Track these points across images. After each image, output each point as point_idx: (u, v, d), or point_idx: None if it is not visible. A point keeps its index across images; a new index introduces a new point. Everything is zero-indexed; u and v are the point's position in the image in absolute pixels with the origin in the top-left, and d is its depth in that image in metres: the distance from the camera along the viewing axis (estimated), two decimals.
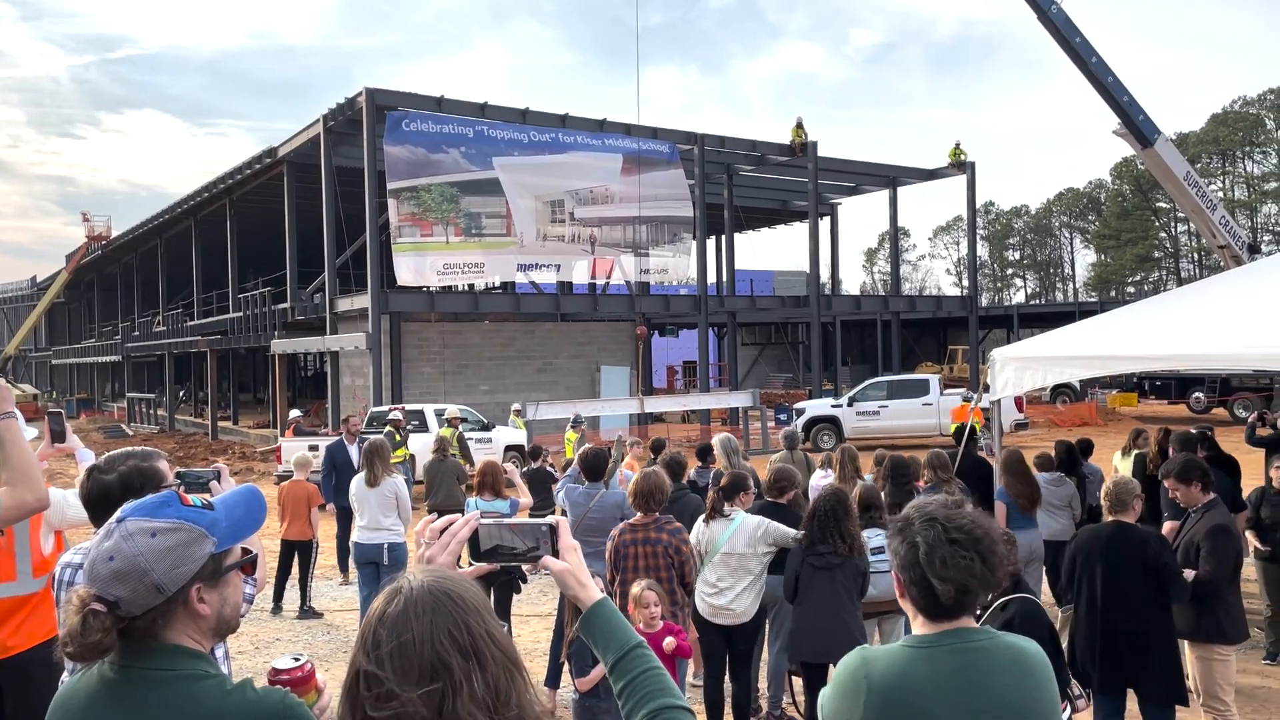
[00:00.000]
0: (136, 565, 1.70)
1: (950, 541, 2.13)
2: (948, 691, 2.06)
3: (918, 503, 2.29)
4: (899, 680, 2.10)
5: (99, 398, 52.77)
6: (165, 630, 1.75)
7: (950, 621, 2.15)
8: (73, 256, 53.46)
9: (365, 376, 24.96)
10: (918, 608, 2.19)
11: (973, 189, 34.75)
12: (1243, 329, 6.88)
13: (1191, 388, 30.85)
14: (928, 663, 2.11)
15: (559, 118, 27.05)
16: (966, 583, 2.12)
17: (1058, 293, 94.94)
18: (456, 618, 1.41)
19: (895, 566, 2.23)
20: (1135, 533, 5.08)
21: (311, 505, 9.93)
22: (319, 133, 25.71)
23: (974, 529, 2.15)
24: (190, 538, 1.76)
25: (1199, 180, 22.78)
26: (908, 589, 2.19)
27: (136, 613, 1.70)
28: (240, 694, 1.73)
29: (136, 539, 1.72)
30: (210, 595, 1.80)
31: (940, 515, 2.18)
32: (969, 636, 2.13)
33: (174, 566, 1.73)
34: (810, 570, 5.43)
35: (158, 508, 1.78)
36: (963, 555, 2.11)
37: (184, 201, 35.60)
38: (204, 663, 1.78)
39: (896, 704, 2.07)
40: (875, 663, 2.15)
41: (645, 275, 28.97)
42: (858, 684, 2.13)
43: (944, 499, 2.28)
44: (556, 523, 1.77)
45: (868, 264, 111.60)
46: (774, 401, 31.41)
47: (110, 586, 1.69)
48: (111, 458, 2.91)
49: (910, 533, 2.19)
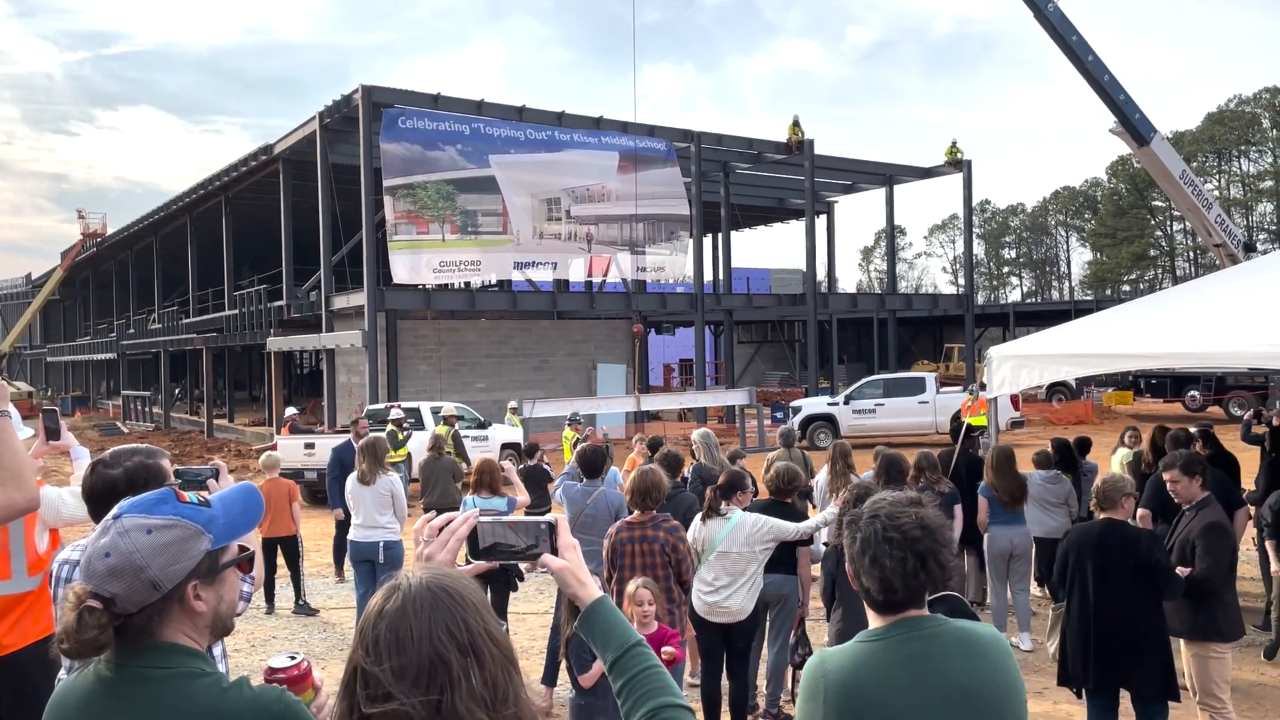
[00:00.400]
0: (132, 562, 1.70)
1: (886, 540, 2.15)
2: (900, 680, 2.08)
3: (874, 498, 2.30)
4: (852, 676, 2.12)
5: (94, 395, 52.68)
6: (161, 628, 1.74)
7: (899, 613, 2.18)
8: (68, 253, 53.37)
9: (361, 374, 24.93)
10: (866, 601, 2.23)
11: (969, 187, 34.77)
12: (1239, 327, 6.90)
13: (1187, 386, 30.90)
14: (879, 654, 2.14)
15: (555, 115, 27.04)
16: (891, 580, 2.14)
17: (1053, 291, 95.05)
18: (455, 615, 1.40)
19: (846, 561, 2.27)
20: (1126, 530, 5.08)
21: (291, 500, 9.94)
22: (315, 130, 25.67)
23: (912, 529, 2.16)
24: (186, 534, 1.76)
25: (1195, 179, 22.83)
26: (854, 583, 2.25)
27: (132, 609, 1.70)
28: (237, 692, 1.73)
29: (133, 535, 1.72)
30: (207, 593, 1.79)
31: (884, 512, 2.20)
32: (918, 625, 2.15)
33: (170, 563, 1.72)
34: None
35: (154, 504, 1.77)
36: (895, 553, 2.13)
37: (180, 199, 35.53)
38: (200, 661, 1.77)
39: (852, 699, 2.09)
40: (829, 660, 2.18)
41: (642, 273, 28.97)
42: (816, 684, 2.15)
43: (900, 496, 2.28)
44: (556, 520, 1.76)
45: (864, 262, 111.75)
46: (770, 399, 31.40)
47: (106, 583, 1.68)
48: (117, 453, 2.91)
49: (854, 528, 2.23)
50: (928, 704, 2.05)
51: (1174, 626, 5.14)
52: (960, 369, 39.75)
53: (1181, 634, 5.23)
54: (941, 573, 2.18)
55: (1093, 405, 32.24)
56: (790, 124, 30.68)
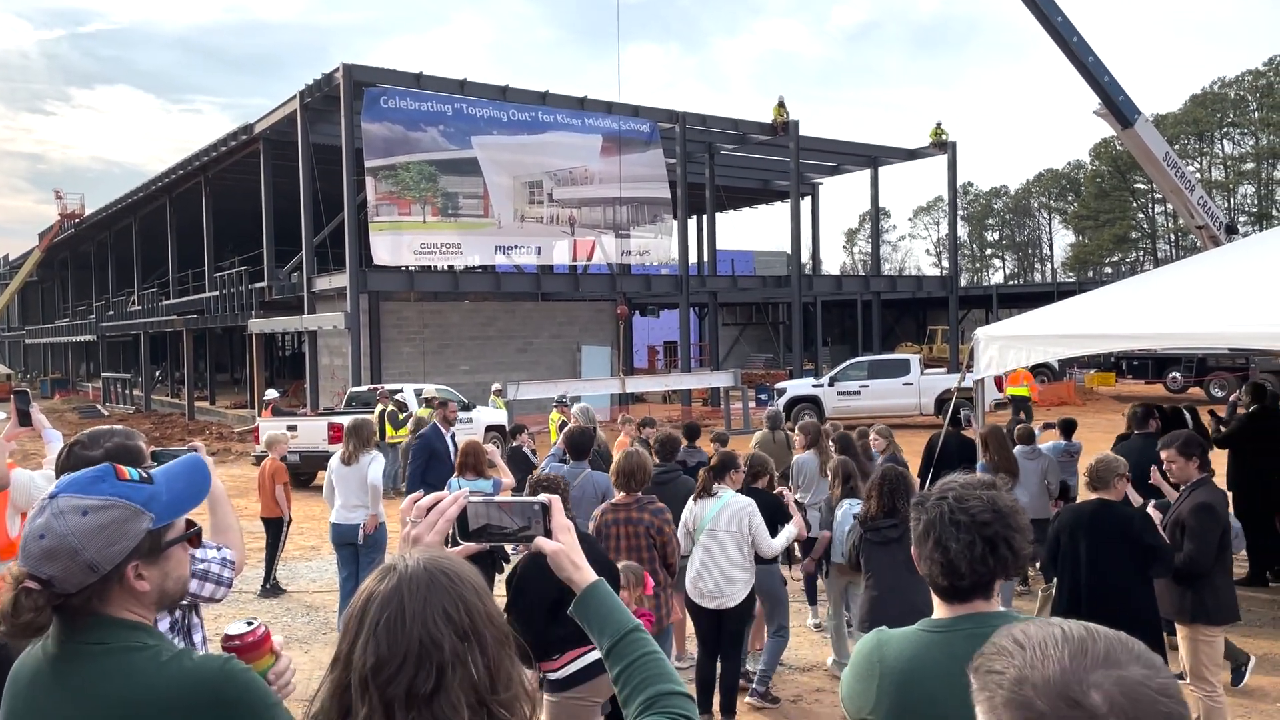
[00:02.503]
0: (67, 544, 1.65)
1: (953, 523, 2.03)
2: (960, 678, 1.98)
3: (944, 480, 2.17)
4: (911, 665, 2.03)
5: (74, 378, 52.24)
6: (103, 606, 1.70)
7: (967, 602, 2.06)
8: (45, 234, 52.75)
9: (344, 356, 24.77)
10: (933, 588, 2.11)
11: (954, 169, 34.78)
12: (1222, 309, 6.93)
13: (1169, 368, 31.10)
14: (941, 648, 2.02)
15: (539, 95, 26.83)
16: (957, 565, 2.01)
17: (1036, 273, 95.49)
18: (454, 597, 1.35)
19: (912, 544, 2.15)
20: (1118, 510, 5.07)
21: (276, 483, 9.87)
22: (296, 109, 25.39)
23: (982, 511, 2.03)
24: (125, 515, 1.70)
25: (1178, 160, 22.90)
26: (921, 569, 2.11)
27: (71, 590, 1.66)
28: (176, 663, 1.69)
29: (68, 517, 1.67)
30: (150, 571, 1.74)
31: (953, 494, 2.07)
32: (985, 621, 2.01)
33: (107, 545, 1.67)
34: (869, 546, 5.42)
35: (91, 484, 1.72)
36: (963, 536, 2.01)
37: (159, 179, 35.13)
38: (143, 634, 1.73)
39: (909, 690, 2.01)
40: (889, 645, 2.09)
41: (626, 256, 28.87)
42: (872, 667, 2.08)
43: (973, 478, 2.14)
44: (549, 501, 1.69)
45: (848, 244, 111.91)
46: (755, 381, 31.44)
47: (42, 565, 1.65)
48: (95, 433, 2.86)
49: (921, 510, 2.11)
50: None
51: (1165, 609, 5.14)
52: (944, 351, 39.87)
53: (1172, 616, 5.24)
54: (1014, 559, 2.04)
55: (1075, 386, 32.41)
56: (775, 105, 30.60)
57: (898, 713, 2.03)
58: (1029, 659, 1.08)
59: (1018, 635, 1.12)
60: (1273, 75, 71.57)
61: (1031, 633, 1.11)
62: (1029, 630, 1.12)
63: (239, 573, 2.97)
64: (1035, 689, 1.04)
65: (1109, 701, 1.01)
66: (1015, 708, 1.06)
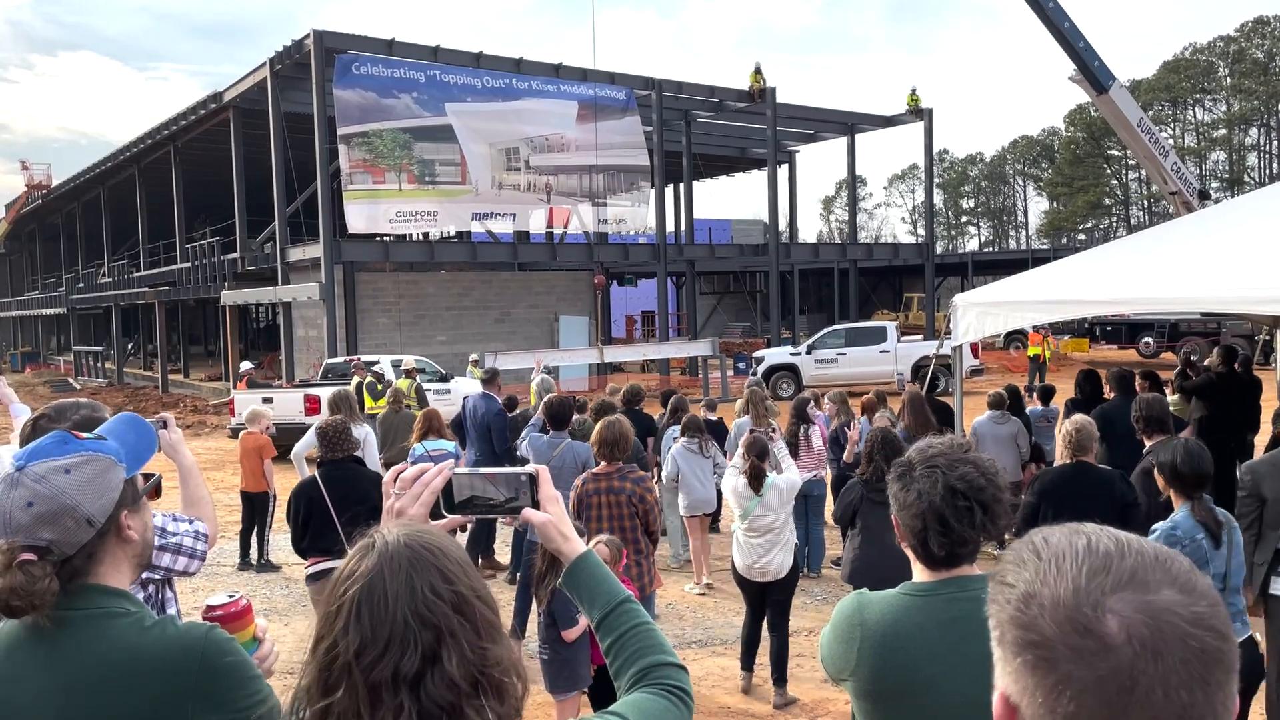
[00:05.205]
0: (62, 503, 1.66)
1: (950, 490, 2.03)
2: (939, 642, 1.99)
3: (921, 445, 2.16)
4: (892, 628, 2.04)
5: (44, 351, 51.52)
6: (96, 566, 1.72)
7: (948, 570, 2.07)
8: (12, 206, 51.88)
9: (319, 328, 24.57)
10: (915, 555, 2.11)
11: (930, 136, 34.75)
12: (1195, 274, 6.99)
13: (1141, 333, 31.42)
14: (923, 612, 2.04)
15: (514, 62, 26.54)
16: (965, 534, 2.02)
17: (1011, 240, 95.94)
18: (440, 573, 1.27)
19: (894, 511, 2.13)
20: (1098, 472, 5.12)
21: (263, 457, 9.76)
22: (266, 76, 24.97)
23: (976, 477, 2.04)
24: (104, 466, 1.74)
25: (1152, 127, 22.96)
26: (905, 536, 2.11)
27: (70, 552, 1.67)
28: (160, 630, 1.69)
29: (52, 479, 1.67)
30: (134, 520, 1.78)
31: (943, 462, 2.06)
32: (967, 585, 2.03)
33: (99, 496, 1.70)
34: (869, 504, 5.57)
35: (58, 446, 1.74)
36: (960, 503, 2.01)
37: (126, 149, 34.53)
38: (124, 600, 1.74)
39: (890, 652, 2.02)
40: (870, 608, 2.09)
41: (603, 225, 28.71)
42: (853, 629, 2.08)
43: (950, 441, 2.16)
44: (536, 472, 1.65)
45: (825, 212, 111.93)
46: (733, 350, 31.47)
47: (39, 531, 1.64)
48: (60, 406, 2.84)
49: (909, 479, 2.09)
50: (964, 670, 1.87)
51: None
52: (920, 318, 40.05)
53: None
54: (1005, 519, 2.05)
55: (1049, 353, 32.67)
56: (752, 71, 30.38)
57: (878, 675, 2.03)
58: (1041, 572, 0.91)
59: (1038, 542, 0.96)
60: (1244, 41, 71.94)
61: (1053, 541, 0.95)
62: (1051, 538, 0.95)
63: (212, 545, 2.93)
64: (1042, 609, 0.89)
65: (1126, 630, 0.85)
66: (1018, 628, 0.91)
